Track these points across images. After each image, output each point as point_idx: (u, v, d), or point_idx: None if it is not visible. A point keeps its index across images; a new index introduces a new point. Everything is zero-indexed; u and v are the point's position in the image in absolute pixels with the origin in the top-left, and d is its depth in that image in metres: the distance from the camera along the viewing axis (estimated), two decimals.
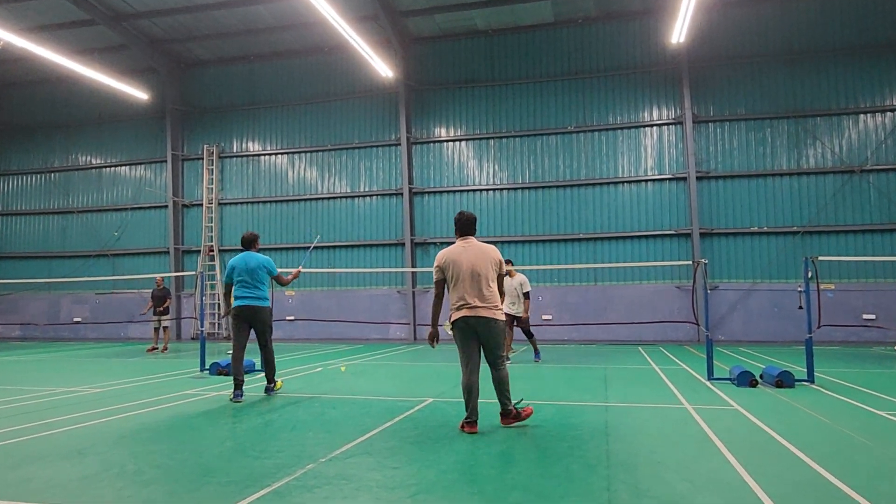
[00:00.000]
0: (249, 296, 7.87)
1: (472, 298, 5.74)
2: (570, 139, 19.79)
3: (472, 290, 5.75)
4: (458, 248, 5.92)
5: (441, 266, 5.91)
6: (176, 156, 22.92)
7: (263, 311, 7.94)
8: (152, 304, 16.30)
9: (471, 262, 5.81)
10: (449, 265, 5.86)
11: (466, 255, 5.85)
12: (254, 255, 8.08)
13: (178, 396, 8.20)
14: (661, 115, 19.19)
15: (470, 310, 5.73)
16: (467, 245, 5.94)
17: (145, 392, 8.66)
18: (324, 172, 21.82)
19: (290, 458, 4.90)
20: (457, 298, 5.80)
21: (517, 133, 20.13)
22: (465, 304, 5.75)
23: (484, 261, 5.83)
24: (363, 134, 21.53)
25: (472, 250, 5.88)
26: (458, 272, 5.81)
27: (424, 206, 20.78)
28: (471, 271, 5.78)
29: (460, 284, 5.78)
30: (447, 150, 20.81)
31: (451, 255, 5.89)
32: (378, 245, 21.05)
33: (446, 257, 5.89)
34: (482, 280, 5.77)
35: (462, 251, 5.89)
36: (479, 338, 5.79)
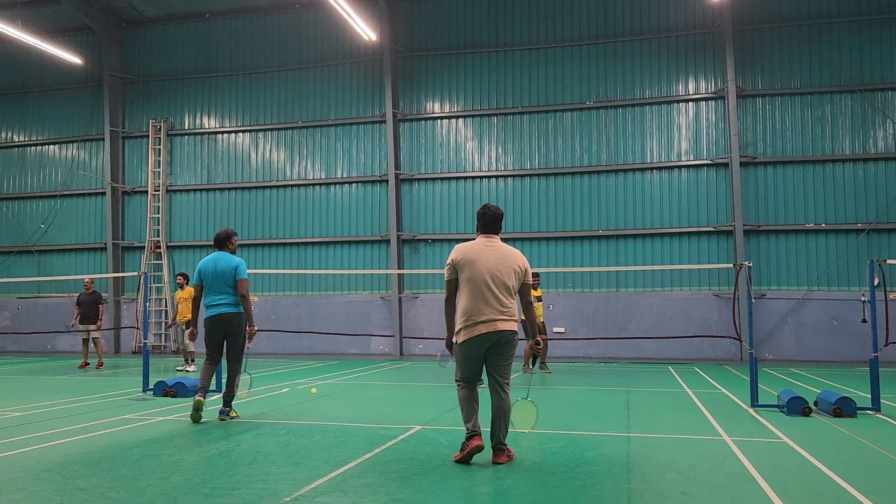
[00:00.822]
0: (222, 302, 8.06)
1: (488, 310, 5.74)
2: (588, 116, 19.81)
3: (490, 300, 5.75)
4: (479, 247, 5.92)
5: (456, 264, 5.88)
6: (115, 133, 22.85)
7: (238, 318, 8.15)
8: (79, 311, 16.19)
9: (493, 265, 5.80)
10: (465, 265, 5.83)
11: (488, 255, 5.85)
12: (223, 257, 8.23)
13: (116, 422, 8.17)
14: (699, 87, 19.23)
15: (486, 325, 5.74)
16: (490, 245, 5.94)
17: (76, 416, 8.61)
18: (294, 154, 21.80)
19: (250, 497, 4.88)
20: (469, 309, 5.78)
21: (525, 109, 20.13)
22: (480, 319, 5.74)
23: (507, 266, 5.84)
24: (341, 109, 21.51)
25: (496, 251, 5.89)
26: (475, 275, 5.78)
27: (414, 195, 20.78)
28: (491, 276, 5.77)
29: (476, 292, 5.76)
30: (441, 128, 20.80)
31: (470, 254, 5.87)
32: (358, 242, 21.04)
33: (463, 255, 5.87)
34: (503, 289, 5.78)
35: (484, 251, 5.88)
36: (486, 354, 5.85)
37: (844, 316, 17.71)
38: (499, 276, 5.77)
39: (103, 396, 10.75)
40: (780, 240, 18.53)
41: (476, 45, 20.65)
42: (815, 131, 18.55)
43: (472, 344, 5.76)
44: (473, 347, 5.78)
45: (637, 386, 12.16)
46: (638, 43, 19.66)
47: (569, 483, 5.27)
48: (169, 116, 22.81)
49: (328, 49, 21.70)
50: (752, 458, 6.09)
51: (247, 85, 22.28)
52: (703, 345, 18.44)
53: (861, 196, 18.17)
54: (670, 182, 19.19)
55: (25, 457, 6.23)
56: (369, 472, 5.60)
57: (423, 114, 20.88)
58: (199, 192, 22.44)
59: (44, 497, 4.89)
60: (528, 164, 20.08)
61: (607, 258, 19.25)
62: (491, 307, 5.72)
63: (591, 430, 7.65)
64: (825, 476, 5.48)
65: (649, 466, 5.83)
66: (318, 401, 10.21)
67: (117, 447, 6.66)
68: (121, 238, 22.83)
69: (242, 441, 6.95)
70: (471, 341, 5.75)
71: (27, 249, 23.34)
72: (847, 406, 8.49)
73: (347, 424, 7.98)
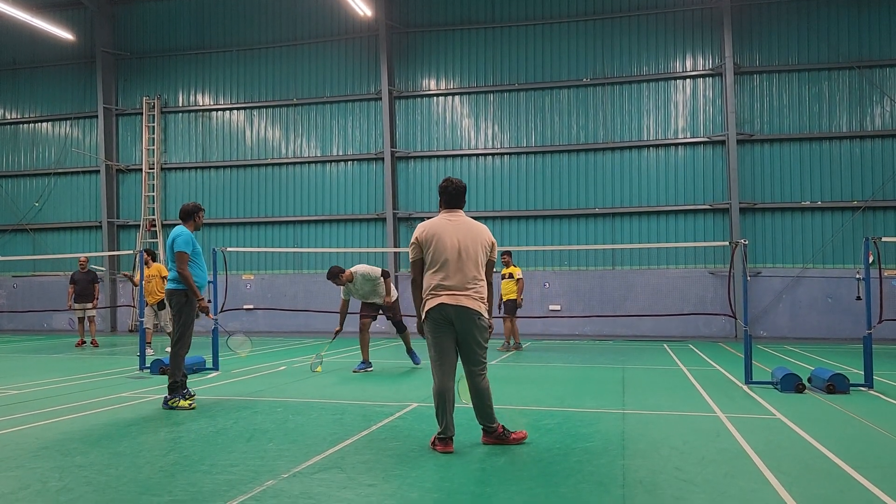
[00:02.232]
0: (170, 278, 7.99)
1: (454, 284, 5.56)
2: (584, 94, 19.74)
3: (455, 275, 5.57)
4: (443, 222, 5.73)
5: (420, 241, 5.70)
6: (109, 110, 22.72)
7: (173, 294, 7.85)
8: (73, 289, 16.30)
9: (458, 240, 5.63)
10: (430, 241, 5.65)
11: (453, 231, 5.67)
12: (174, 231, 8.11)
13: (113, 400, 8.21)
14: (696, 64, 19.16)
15: (450, 297, 5.54)
16: (455, 220, 5.77)
17: (73, 394, 8.66)
18: (289, 132, 21.71)
19: (246, 474, 4.92)
20: (436, 283, 5.60)
21: (521, 86, 20.05)
22: (444, 289, 5.56)
23: (474, 241, 5.68)
24: (337, 86, 21.39)
25: (460, 227, 5.72)
26: (442, 251, 5.60)
27: (410, 173, 20.74)
28: (457, 251, 5.60)
29: (443, 266, 5.59)
30: (437, 105, 20.72)
31: (434, 230, 5.69)
32: (354, 220, 21.02)
33: (427, 231, 5.70)
34: (469, 264, 5.61)
35: (448, 226, 5.71)
36: (456, 335, 5.60)
37: (839, 293, 17.79)
38: (466, 250, 5.61)
39: (100, 375, 10.79)
40: (776, 217, 18.55)
41: (472, 21, 20.51)
42: (812, 108, 18.52)
43: (435, 315, 5.56)
44: (437, 321, 5.57)
45: (632, 363, 12.24)
46: (635, 19, 19.54)
47: (564, 460, 5.32)
48: (163, 93, 22.67)
49: (323, 25, 21.53)
50: (745, 435, 6.15)
51: (241, 61, 22.13)
52: (699, 322, 18.54)
53: (857, 173, 18.18)
54: (667, 160, 19.17)
55: (24, 434, 6.27)
56: (366, 449, 5.65)
57: (420, 91, 20.78)
58: (193, 170, 22.36)
59: (42, 474, 4.93)
60: (525, 141, 20.03)
61: (603, 236, 19.28)
62: (456, 282, 5.55)
63: (586, 407, 7.71)
64: (818, 451, 5.54)
65: (644, 443, 5.88)
66: (314, 378, 10.26)
67: (115, 425, 6.69)
68: (115, 216, 22.77)
69: (240, 419, 6.99)
70: (434, 311, 5.55)
71: (22, 228, 23.28)
72: (840, 383, 8.56)
73: (344, 402, 8.03)
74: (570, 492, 4.52)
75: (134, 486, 4.62)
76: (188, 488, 4.59)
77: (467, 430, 6.50)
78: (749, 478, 4.80)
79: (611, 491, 4.52)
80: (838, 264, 18.08)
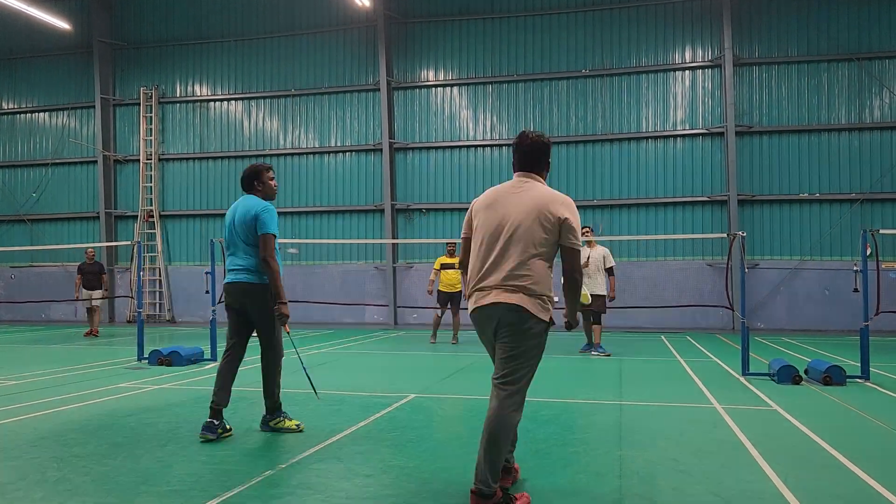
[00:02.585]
0: (233, 267, 5.96)
1: (489, 276, 4.10)
2: (583, 85, 19.70)
3: (492, 262, 4.10)
4: (502, 191, 4.29)
5: (472, 214, 4.35)
6: (106, 100, 22.65)
7: (254, 292, 5.89)
8: (80, 280, 16.44)
9: (508, 213, 4.13)
10: (479, 213, 4.28)
11: (508, 201, 4.18)
12: (246, 201, 6.01)
13: (112, 390, 8.22)
14: (696, 55, 19.12)
15: (483, 295, 4.11)
16: (520, 187, 4.25)
17: (71, 385, 8.67)
18: (287, 123, 21.66)
19: (244, 464, 4.94)
20: (471, 273, 4.25)
21: (520, 77, 20.01)
22: (476, 286, 4.17)
23: (532, 215, 4.08)
24: (335, 76, 21.33)
25: (522, 196, 4.17)
26: (483, 228, 4.20)
27: (408, 164, 20.71)
28: (499, 231, 4.12)
29: (479, 250, 4.19)
30: (436, 96, 20.68)
31: (487, 200, 4.29)
32: (352, 211, 21.00)
33: (481, 200, 4.33)
34: (516, 246, 4.06)
35: (505, 195, 4.24)
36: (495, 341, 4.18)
37: (836, 285, 17.81)
38: (513, 228, 4.07)
39: (98, 365, 10.80)
40: (774, 209, 18.56)
41: (471, 12, 20.44)
42: (811, 100, 18.50)
43: (476, 319, 4.20)
44: (478, 324, 4.21)
45: (629, 355, 12.26)
46: (634, 10, 19.49)
47: (561, 450, 5.35)
48: (160, 84, 22.60)
49: (321, 15, 21.45)
50: (742, 426, 6.18)
51: (239, 52, 22.06)
52: (696, 314, 18.56)
53: (856, 166, 18.18)
54: (665, 151, 19.15)
55: (22, 425, 6.28)
56: (364, 440, 5.67)
57: (418, 82, 20.73)
58: (191, 161, 22.32)
59: (41, 464, 4.94)
60: None
61: (602, 227, 19.27)
62: (493, 272, 4.08)
63: (583, 398, 7.73)
64: (814, 443, 5.57)
65: (641, 434, 5.91)
66: (312, 370, 10.27)
67: (113, 415, 6.71)
68: (113, 207, 22.73)
69: (238, 409, 7.01)
70: (473, 315, 4.20)
71: (19, 218, 23.24)
72: (837, 374, 8.59)
73: (342, 393, 8.05)
74: (567, 483, 4.54)
75: (132, 477, 4.64)
76: (186, 479, 4.60)
77: (465, 419, 6.52)
78: (745, 469, 4.83)
79: (608, 482, 4.54)
80: (836, 256, 18.09)
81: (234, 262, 5.96)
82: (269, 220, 5.85)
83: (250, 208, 5.87)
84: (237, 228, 5.90)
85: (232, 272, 5.96)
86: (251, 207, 5.88)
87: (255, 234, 5.83)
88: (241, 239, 5.88)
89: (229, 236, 6.01)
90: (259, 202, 5.94)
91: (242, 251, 5.89)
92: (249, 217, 5.84)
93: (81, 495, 4.26)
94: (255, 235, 5.83)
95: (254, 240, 5.83)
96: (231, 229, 5.97)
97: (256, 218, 5.82)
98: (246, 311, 5.96)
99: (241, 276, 5.87)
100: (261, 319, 5.96)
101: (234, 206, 6.07)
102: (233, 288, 5.94)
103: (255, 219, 5.82)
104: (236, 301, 5.95)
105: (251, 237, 5.84)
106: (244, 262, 5.87)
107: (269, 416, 6.06)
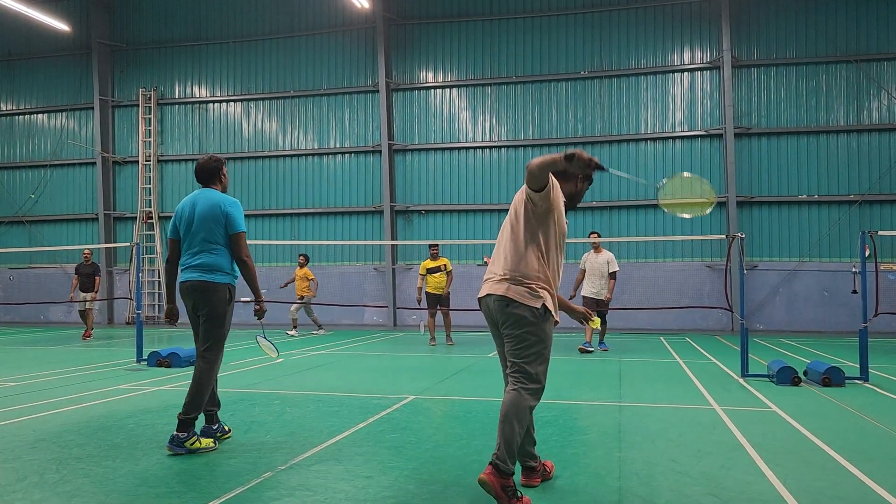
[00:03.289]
0: (191, 264, 5.59)
1: (494, 265, 4.33)
2: (582, 86, 19.72)
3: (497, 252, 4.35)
4: None
5: None
6: (105, 102, 22.65)
7: (210, 291, 5.54)
8: (77, 280, 16.41)
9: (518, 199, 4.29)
10: None
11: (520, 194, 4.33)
12: (207, 195, 5.70)
13: (111, 392, 8.21)
14: (694, 57, 19.14)
15: (486, 284, 4.33)
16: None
17: (70, 386, 8.66)
18: (286, 124, 21.66)
19: (244, 466, 4.94)
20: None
21: (519, 79, 20.02)
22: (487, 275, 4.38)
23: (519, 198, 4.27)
24: (334, 78, 21.34)
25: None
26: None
27: (407, 165, 20.72)
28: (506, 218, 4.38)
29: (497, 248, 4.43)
30: (435, 98, 20.69)
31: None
32: (351, 213, 21.00)
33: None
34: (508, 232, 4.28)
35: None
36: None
37: (835, 287, 17.83)
38: (510, 216, 4.30)
39: (97, 367, 10.79)
40: (772, 211, 18.57)
41: (470, 14, 20.46)
42: (809, 102, 18.52)
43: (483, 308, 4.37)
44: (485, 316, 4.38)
45: (629, 356, 12.27)
46: (633, 12, 19.51)
47: (561, 451, 5.35)
48: (159, 85, 22.60)
49: (320, 17, 21.47)
50: (741, 427, 6.18)
51: (238, 53, 22.06)
52: (695, 315, 18.57)
53: (854, 167, 18.19)
54: (664, 153, 19.17)
55: (21, 426, 6.28)
56: (363, 442, 5.67)
57: (417, 83, 20.74)
58: (189, 162, 22.30)
59: (40, 465, 4.94)
60: (522, 134, 20.01)
61: (599, 229, 19.26)
62: (495, 262, 4.34)
63: (583, 399, 7.73)
64: (813, 444, 5.57)
65: (640, 435, 5.91)
66: (311, 371, 10.27)
67: (112, 417, 6.70)
68: (112, 208, 22.73)
69: (237, 411, 7.00)
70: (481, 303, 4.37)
71: (18, 220, 23.23)
72: (836, 376, 8.60)
73: (341, 394, 8.04)
74: (566, 483, 4.54)
75: (131, 478, 4.64)
76: (186, 480, 4.60)
77: (465, 421, 6.53)
78: (745, 470, 4.83)
79: (607, 483, 4.54)
80: (835, 258, 18.11)
81: (192, 259, 5.58)
82: (240, 217, 5.65)
83: (217, 203, 5.59)
84: (197, 223, 5.56)
85: (189, 270, 5.58)
86: (218, 202, 5.60)
87: (221, 230, 5.57)
88: (203, 235, 5.55)
89: (186, 231, 5.63)
90: (226, 197, 5.69)
91: (202, 248, 5.56)
92: (217, 213, 5.56)
93: (80, 497, 4.25)
94: (221, 232, 5.58)
95: (219, 237, 5.57)
96: (189, 224, 5.61)
97: (227, 215, 5.58)
98: (196, 310, 5.62)
99: (197, 275, 5.52)
100: (210, 320, 5.56)
101: (190, 198, 5.72)
102: (189, 286, 5.55)
103: (226, 216, 5.57)
104: (190, 300, 5.59)
105: (216, 234, 5.56)
106: (204, 260, 5.54)
107: (184, 435, 5.31)
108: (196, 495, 4.27)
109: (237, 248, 5.61)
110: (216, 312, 5.55)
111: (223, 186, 5.89)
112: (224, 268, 5.59)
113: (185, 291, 5.61)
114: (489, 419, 6.55)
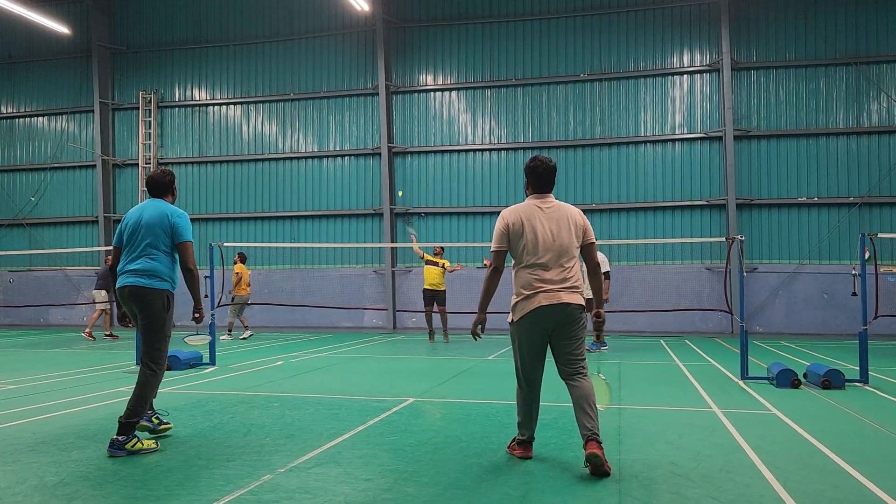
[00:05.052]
0: (131, 269, 5.74)
1: (552, 279, 4.94)
2: (582, 89, 19.73)
3: (554, 269, 4.96)
4: (533, 209, 5.06)
5: (509, 229, 5.03)
6: (105, 104, 22.66)
7: (148, 296, 5.69)
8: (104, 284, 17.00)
9: (554, 228, 4.99)
10: (521, 230, 4.99)
11: (547, 218, 5.02)
12: (157, 204, 5.95)
13: (111, 394, 8.21)
14: (694, 60, 19.15)
15: (549, 295, 4.92)
16: (546, 206, 5.08)
17: (70, 389, 8.66)
18: (286, 127, 21.68)
19: (243, 468, 4.93)
20: (531, 280, 4.96)
21: (519, 81, 20.03)
22: (542, 288, 4.94)
23: (567, 228, 5.01)
24: (333, 81, 21.36)
25: (554, 213, 5.04)
26: (537, 241, 4.96)
27: (407, 168, 20.73)
28: (553, 241, 4.97)
29: (540, 259, 4.96)
30: (434, 100, 20.70)
31: (526, 215, 5.03)
32: (351, 215, 21.01)
33: (519, 217, 5.02)
34: (564, 256, 4.98)
35: (540, 213, 5.03)
36: (550, 337, 5.07)
37: (835, 289, 17.82)
38: (561, 240, 4.98)
39: (97, 369, 10.79)
40: (772, 213, 18.58)
41: (469, 16, 20.48)
42: (809, 104, 18.53)
43: (529, 320, 4.99)
44: (531, 326, 5.02)
45: (628, 359, 12.26)
46: (633, 14, 19.53)
47: (560, 454, 5.35)
48: (159, 88, 22.61)
49: (320, 20, 21.49)
50: (741, 430, 6.18)
51: (238, 56, 22.08)
52: (695, 318, 18.56)
53: (854, 170, 18.20)
54: (664, 155, 19.18)
55: (21, 429, 6.27)
56: (363, 444, 5.66)
57: (417, 86, 20.76)
58: (190, 165, 22.32)
59: (40, 468, 4.94)
60: (522, 137, 20.03)
61: (600, 232, 19.26)
62: (554, 276, 4.94)
63: None
64: (813, 446, 5.57)
65: (640, 437, 5.91)
66: (311, 374, 10.27)
67: (112, 419, 6.68)
68: (112, 211, 22.73)
69: (237, 413, 7.00)
70: (530, 316, 4.98)
71: (18, 222, 23.23)
72: (836, 378, 8.59)
73: (341, 397, 8.04)
74: (566, 486, 4.54)
75: (131, 481, 4.64)
76: (185, 483, 4.60)
77: (464, 423, 6.53)
78: (744, 473, 4.83)
79: (607, 486, 4.54)
80: (834, 260, 18.11)
81: (132, 264, 5.74)
82: (188, 227, 5.90)
83: (166, 214, 5.82)
84: (144, 231, 5.76)
85: (126, 274, 5.74)
86: (166, 213, 5.83)
87: (167, 239, 5.78)
88: (148, 242, 5.73)
89: (129, 238, 5.82)
90: (174, 208, 5.92)
91: (143, 253, 5.73)
92: (166, 223, 5.78)
93: (80, 499, 4.25)
94: (166, 241, 5.78)
95: (163, 245, 5.76)
96: (134, 231, 5.80)
97: (174, 226, 5.80)
98: (135, 316, 5.83)
99: (133, 279, 5.68)
100: (148, 326, 5.71)
101: (138, 208, 5.97)
102: (128, 291, 5.71)
103: (173, 227, 5.79)
104: (128, 305, 5.79)
105: (161, 242, 5.76)
106: (144, 265, 5.69)
107: (124, 438, 5.38)
108: (195, 498, 4.27)
109: (184, 257, 5.84)
110: (154, 319, 5.72)
111: (173, 199, 6.19)
112: (162, 274, 5.75)
113: (123, 297, 5.80)
114: (489, 422, 6.55)
